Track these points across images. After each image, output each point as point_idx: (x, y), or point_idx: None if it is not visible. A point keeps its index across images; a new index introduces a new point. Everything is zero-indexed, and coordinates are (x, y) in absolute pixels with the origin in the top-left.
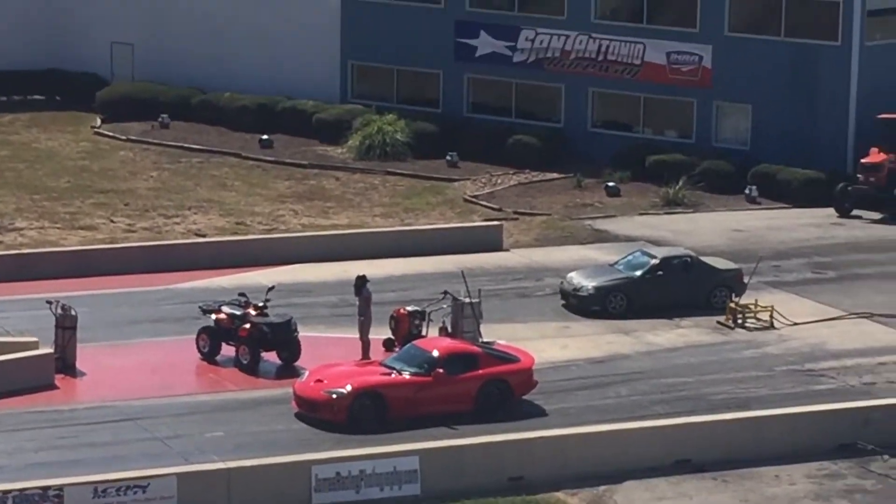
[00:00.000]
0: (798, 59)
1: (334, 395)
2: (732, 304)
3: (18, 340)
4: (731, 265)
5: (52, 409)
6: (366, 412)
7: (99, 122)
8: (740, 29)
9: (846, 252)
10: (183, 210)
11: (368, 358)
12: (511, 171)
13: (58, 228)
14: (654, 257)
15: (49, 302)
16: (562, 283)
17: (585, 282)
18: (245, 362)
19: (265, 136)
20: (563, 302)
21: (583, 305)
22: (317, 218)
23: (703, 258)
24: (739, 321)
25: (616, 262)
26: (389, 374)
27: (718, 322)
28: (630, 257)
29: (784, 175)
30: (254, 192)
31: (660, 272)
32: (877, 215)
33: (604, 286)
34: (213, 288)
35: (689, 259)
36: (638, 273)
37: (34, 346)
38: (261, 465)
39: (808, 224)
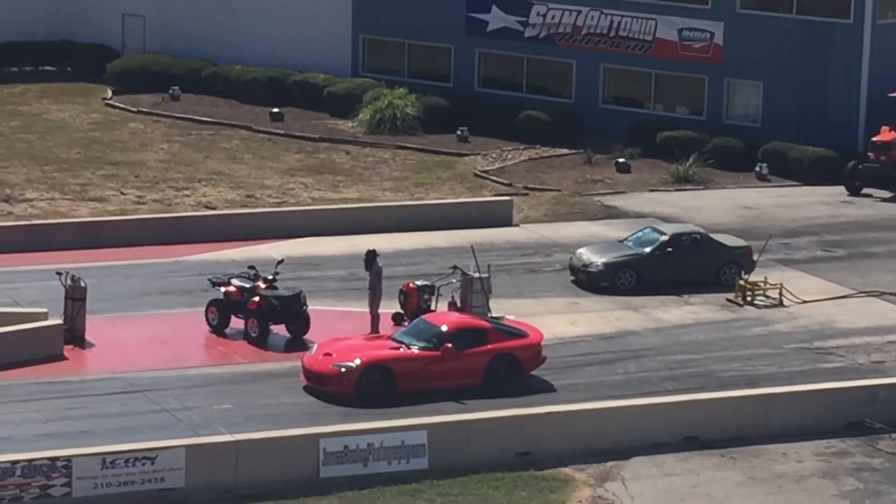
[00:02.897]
0: (810, 36)
1: (343, 369)
2: (742, 282)
3: (28, 311)
4: (740, 242)
5: (60, 381)
6: (374, 386)
7: (110, 93)
8: (752, 6)
9: (856, 230)
10: (193, 182)
11: (377, 332)
12: (521, 147)
13: (68, 200)
14: (663, 234)
15: (59, 273)
16: (571, 258)
17: (595, 258)
18: (254, 335)
19: (276, 110)
20: (572, 278)
21: (592, 281)
22: (327, 191)
23: (713, 235)
24: (749, 298)
25: (626, 239)
26: (398, 348)
27: (728, 299)
28: (640, 233)
29: (795, 153)
30: (264, 165)
31: (669, 249)
32: (887, 193)
33: (613, 262)
34: (222, 260)
35: (698, 236)
36: (647, 249)
37: (43, 317)
38: (269, 438)
39: (819, 202)
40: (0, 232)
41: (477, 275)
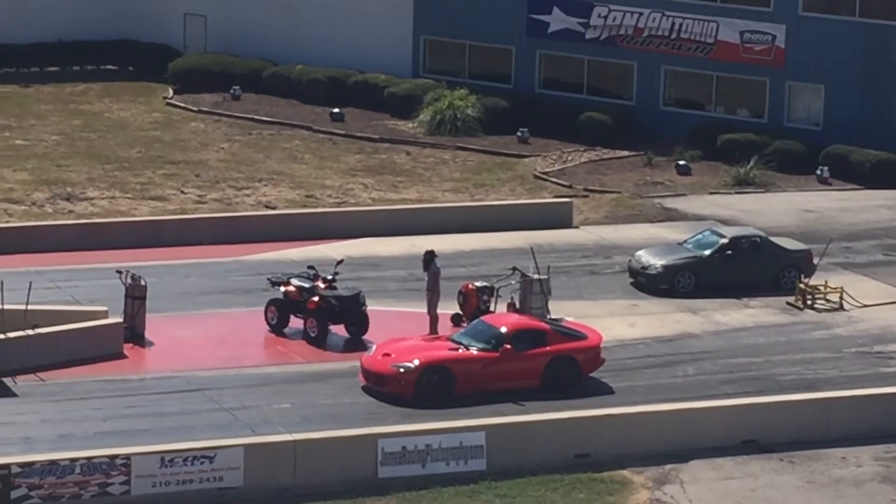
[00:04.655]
0: (872, 39)
1: (402, 370)
2: (802, 285)
3: (88, 309)
4: (800, 246)
5: (120, 379)
6: (433, 387)
7: (171, 93)
8: (814, 8)
9: None
10: (253, 182)
11: (436, 333)
12: (582, 148)
13: (128, 198)
14: (723, 237)
15: (119, 272)
16: (630, 261)
17: (654, 260)
18: (313, 335)
19: (336, 110)
20: (631, 280)
21: (651, 284)
22: (387, 192)
23: (773, 238)
24: (809, 302)
25: (685, 241)
26: (457, 349)
27: (788, 303)
28: (699, 236)
29: (856, 156)
30: (324, 165)
31: (729, 252)
32: None
33: (672, 265)
34: (282, 260)
35: (758, 239)
36: (707, 252)
37: (104, 315)
38: (327, 438)
39: (880, 206)
40: (61, 230)
41: (536, 276)
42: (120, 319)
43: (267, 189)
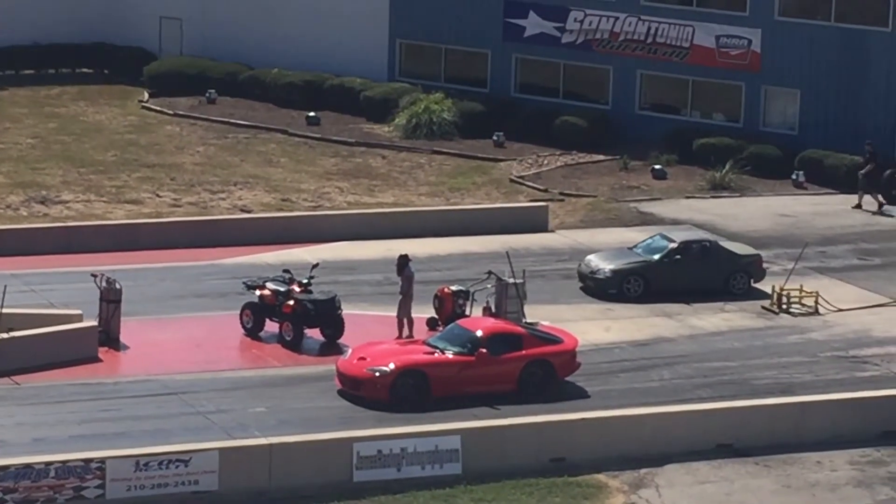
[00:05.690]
0: (847, 44)
1: (377, 373)
2: (778, 290)
3: (63, 313)
4: (750, 251)
5: (95, 382)
6: (408, 391)
7: (146, 96)
8: (790, 13)
9: (893, 239)
10: (229, 186)
11: (411, 336)
12: (558, 153)
13: (104, 202)
14: (672, 241)
15: (94, 275)
16: (580, 265)
17: (603, 264)
18: (288, 339)
19: (312, 113)
20: (580, 285)
21: (600, 288)
22: (362, 196)
23: (723, 243)
24: (784, 306)
25: (635, 246)
26: (433, 353)
27: (763, 307)
28: (649, 241)
29: (832, 161)
30: (300, 168)
31: (678, 256)
32: None
33: (621, 269)
34: (257, 264)
35: (707, 244)
36: (656, 257)
37: (78, 318)
38: (303, 442)
39: (855, 210)
40: (36, 233)
41: (512, 280)
42: (95, 323)
43: (242, 193)
